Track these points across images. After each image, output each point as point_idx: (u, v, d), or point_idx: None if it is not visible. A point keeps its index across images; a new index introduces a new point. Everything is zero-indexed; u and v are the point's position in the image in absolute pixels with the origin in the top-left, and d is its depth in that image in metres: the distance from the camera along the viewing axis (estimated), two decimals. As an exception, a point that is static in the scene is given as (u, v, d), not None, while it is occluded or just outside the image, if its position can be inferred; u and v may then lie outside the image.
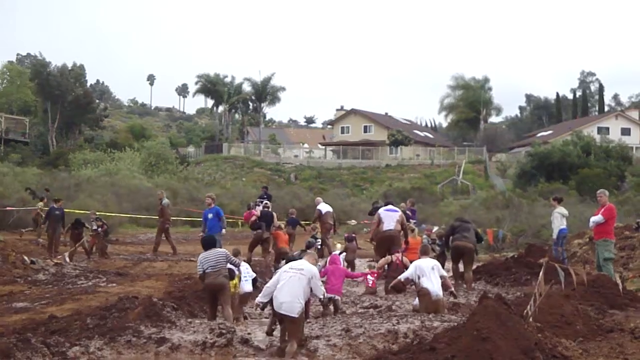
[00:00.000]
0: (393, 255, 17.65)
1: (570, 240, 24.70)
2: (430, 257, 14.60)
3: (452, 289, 14.61)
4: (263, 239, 23.29)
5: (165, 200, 27.32)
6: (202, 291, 14.11)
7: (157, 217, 28.50)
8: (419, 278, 13.84)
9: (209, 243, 13.87)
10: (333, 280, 15.04)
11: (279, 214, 26.49)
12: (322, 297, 12.40)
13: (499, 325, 8.46)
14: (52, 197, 28.04)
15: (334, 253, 18.44)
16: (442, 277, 14.01)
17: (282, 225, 24.50)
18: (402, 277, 14.72)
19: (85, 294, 16.10)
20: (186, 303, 13.98)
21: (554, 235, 21.76)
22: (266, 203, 24.87)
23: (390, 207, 19.08)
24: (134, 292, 15.29)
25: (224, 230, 22.22)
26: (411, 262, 18.40)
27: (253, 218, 23.89)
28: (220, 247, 16.13)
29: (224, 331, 11.08)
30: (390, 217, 18.24)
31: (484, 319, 8.63)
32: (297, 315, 11.08)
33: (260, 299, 11.62)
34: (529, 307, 10.06)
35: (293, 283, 11.26)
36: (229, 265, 13.40)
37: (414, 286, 14.44)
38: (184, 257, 25.50)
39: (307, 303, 11.70)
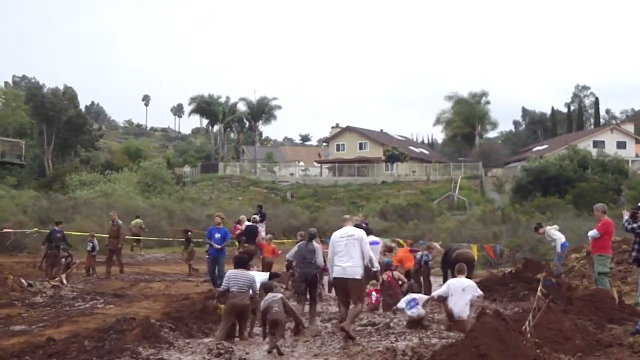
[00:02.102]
0: (385, 274, 17.71)
1: (568, 254, 24.69)
2: (465, 277, 14.52)
3: None
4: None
5: (119, 221, 27.37)
6: (225, 308, 13.62)
7: (155, 238, 28.39)
8: (449, 297, 13.96)
9: (241, 262, 13.83)
10: None
11: (276, 232, 26.71)
12: (371, 263, 13.36)
13: (497, 341, 8.45)
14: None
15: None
16: (479, 296, 14.23)
17: (269, 238, 24.89)
18: (436, 294, 14.71)
19: (83, 316, 16.06)
20: (184, 324, 13.92)
21: (558, 249, 21.83)
22: (254, 218, 25.23)
23: (372, 239, 19.25)
24: (132, 314, 15.25)
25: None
26: (407, 272, 18.68)
27: (238, 232, 24.55)
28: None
29: (222, 351, 11.04)
30: (374, 251, 18.41)
31: (482, 335, 8.61)
32: (360, 278, 12.84)
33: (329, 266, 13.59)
34: (527, 322, 10.05)
35: (350, 249, 12.88)
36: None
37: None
38: (181, 278, 25.52)
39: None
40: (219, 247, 21.59)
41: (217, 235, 21.82)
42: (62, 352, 11.06)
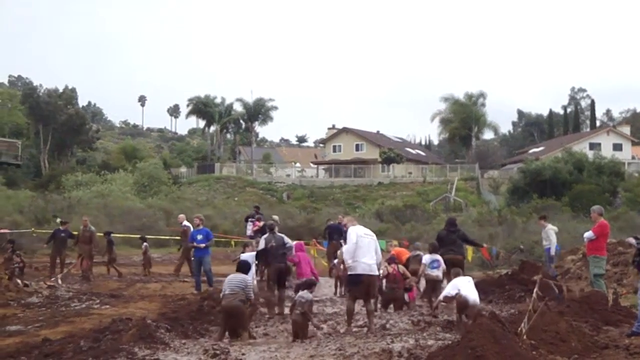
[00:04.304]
0: (389, 267, 17.77)
1: (564, 256, 24.73)
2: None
3: None
4: None
5: (92, 227, 27.02)
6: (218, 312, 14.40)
7: (152, 237, 28.19)
8: (458, 291, 14.28)
9: (241, 267, 14.14)
10: (304, 266, 17.30)
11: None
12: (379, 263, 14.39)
13: (493, 343, 8.45)
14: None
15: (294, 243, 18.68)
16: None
17: None
18: (441, 296, 14.99)
19: (79, 316, 16.04)
20: (180, 324, 13.92)
21: (552, 252, 21.86)
22: (273, 217, 25.90)
23: None
24: (128, 314, 15.22)
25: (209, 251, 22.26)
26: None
27: (255, 228, 25.15)
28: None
29: (217, 352, 11.02)
30: None
31: (478, 337, 8.61)
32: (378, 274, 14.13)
33: (349, 259, 13.65)
34: (523, 324, 10.05)
35: (371, 247, 13.76)
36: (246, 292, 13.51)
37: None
38: (177, 278, 25.51)
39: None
40: (203, 245, 21.51)
41: (199, 237, 21.71)
42: (58, 352, 11.04)
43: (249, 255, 15.85)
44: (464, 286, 14.20)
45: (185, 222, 26.65)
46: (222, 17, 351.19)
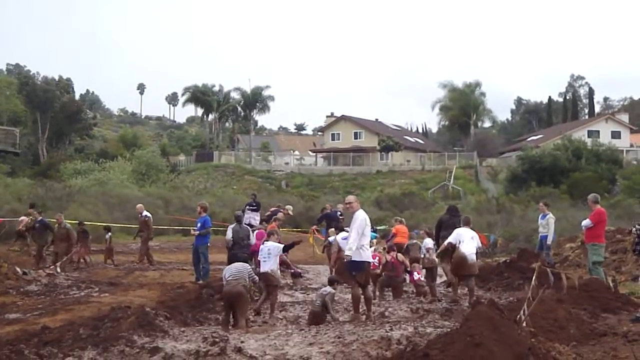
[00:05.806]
0: (388, 255, 17.84)
1: (563, 244, 24.77)
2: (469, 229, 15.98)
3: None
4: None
5: (67, 223, 26.55)
6: (220, 299, 14.77)
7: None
8: (459, 243, 15.14)
9: (234, 260, 15.10)
10: None
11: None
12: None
13: (492, 330, 8.45)
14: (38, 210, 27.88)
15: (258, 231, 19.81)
16: (480, 247, 15.68)
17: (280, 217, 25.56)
18: (446, 242, 16.02)
19: (78, 304, 16.05)
20: (179, 312, 13.92)
21: (549, 241, 21.92)
22: (287, 207, 26.79)
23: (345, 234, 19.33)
24: (127, 302, 15.24)
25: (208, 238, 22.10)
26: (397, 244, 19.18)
27: (268, 213, 26.27)
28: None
29: (217, 340, 11.02)
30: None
31: (477, 324, 8.61)
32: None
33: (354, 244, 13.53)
34: (522, 311, 10.06)
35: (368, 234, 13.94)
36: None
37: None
38: (176, 266, 25.52)
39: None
40: (197, 232, 21.26)
41: (198, 225, 21.49)
42: (57, 339, 11.04)
43: (273, 245, 15.49)
44: (466, 240, 15.07)
45: (145, 212, 26.70)
46: (221, 5, 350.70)
